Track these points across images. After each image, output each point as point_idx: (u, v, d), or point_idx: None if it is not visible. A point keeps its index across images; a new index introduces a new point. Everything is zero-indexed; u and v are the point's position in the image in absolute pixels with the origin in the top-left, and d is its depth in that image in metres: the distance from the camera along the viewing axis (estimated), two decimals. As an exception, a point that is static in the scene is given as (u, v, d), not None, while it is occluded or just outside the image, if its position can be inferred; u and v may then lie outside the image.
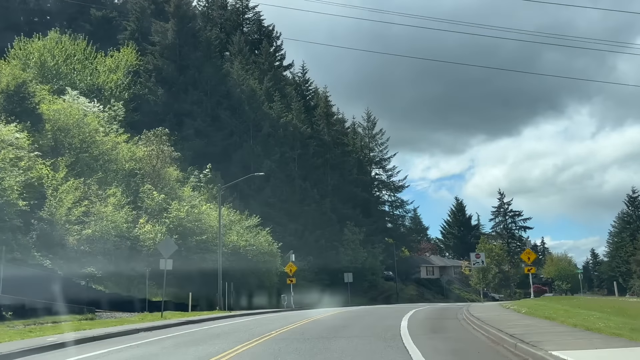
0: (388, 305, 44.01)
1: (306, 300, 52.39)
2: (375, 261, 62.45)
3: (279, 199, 59.50)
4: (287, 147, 61.74)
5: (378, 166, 77.86)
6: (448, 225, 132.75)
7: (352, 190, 66.02)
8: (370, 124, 79.59)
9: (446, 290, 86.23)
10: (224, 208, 45.92)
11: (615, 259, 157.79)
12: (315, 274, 55.00)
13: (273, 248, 44.39)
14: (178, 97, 61.58)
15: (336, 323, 19.17)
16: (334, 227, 60.95)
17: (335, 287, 59.07)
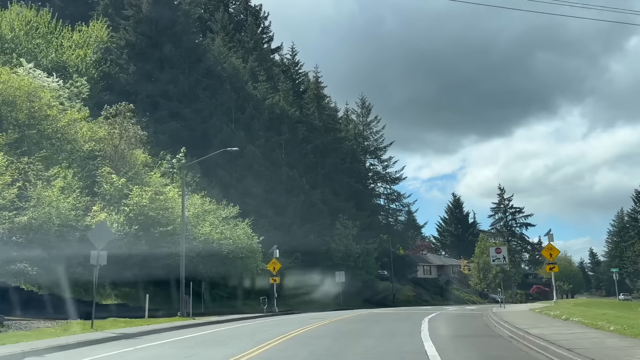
0: (386, 309, 38.02)
1: (293, 302, 46.24)
2: (369, 259, 56.37)
3: (263, 188, 53.26)
4: (273, 131, 55.51)
5: (373, 156, 71.83)
6: (444, 223, 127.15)
7: (344, 181, 59.91)
8: (364, 111, 73.55)
9: (445, 291, 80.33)
10: (197, 196, 39.68)
11: (615, 259, 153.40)
12: (304, 272, 48.84)
13: (253, 242, 38.18)
14: (152, 76, 55.23)
15: (325, 345, 13.05)
16: (325, 220, 54.83)
17: (325, 287, 52.97)
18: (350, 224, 55.35)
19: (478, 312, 26.98)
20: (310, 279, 49.51)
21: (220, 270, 35.33)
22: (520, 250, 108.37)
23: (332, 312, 36.35)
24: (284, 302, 44.57)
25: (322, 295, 52.86)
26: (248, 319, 28.72)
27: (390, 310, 33.70)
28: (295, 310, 42.37)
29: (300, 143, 56.54)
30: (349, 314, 27.21)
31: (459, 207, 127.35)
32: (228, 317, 28.42)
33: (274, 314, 33.70)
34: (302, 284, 47.96)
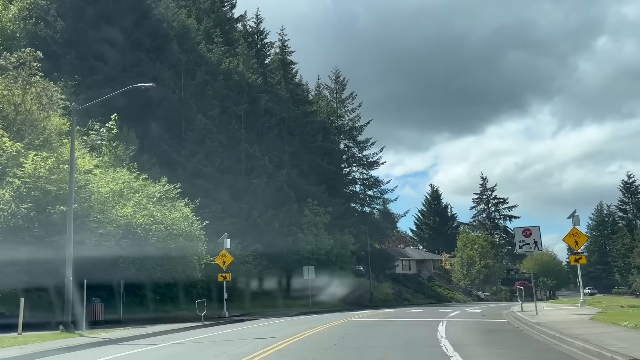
0: (366, 313, 29.69)
1: (250, 304, 37.67)
2: (344, 252, 48.08)
3: (217, 168, 44.53)
4: (230, 101, 46.73)
5: (348, 136, 63.40)
6: (422, 215, 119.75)
7: (315, 162, 51.44)
8: (338, 86, 65.09)
9: (426, 288, 72.55)
10: (124, 170, 30.77)
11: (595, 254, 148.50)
12: (265, 268, 40.30)
13: (194, 228, 29.43)
14: (85, 35, 45.92)
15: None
16: (291, 206, 46.32)
17: (292, 285, 44.53)
18: (321, 210, 46.93)
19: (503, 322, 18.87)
20: (272, 275, 40.98)
21: (147, 264, 26.55)
22: (504, 244, 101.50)
23: (296, 317, 27.86)
24: (238, 305, 35.96)
25: (287, 295, 44.36)
26: (178, 331, 20.11)
27: (373, 317, 25.32)
28: (251, 314, 33.80)
29: (262, 116, 47.84)
30: (318, 326, 18.82)
31: (438, 199, 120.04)
32: (144, 331, 19.71)
33: (218, 323, 25.05)
34: (263, 282, 39.39)
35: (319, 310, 37.75)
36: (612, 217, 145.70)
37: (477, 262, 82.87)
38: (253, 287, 37.63)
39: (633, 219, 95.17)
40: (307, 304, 42.10)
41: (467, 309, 32.42)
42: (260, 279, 39.29)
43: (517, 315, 20.28)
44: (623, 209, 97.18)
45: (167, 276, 27.47)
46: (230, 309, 34.48)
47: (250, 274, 37.05)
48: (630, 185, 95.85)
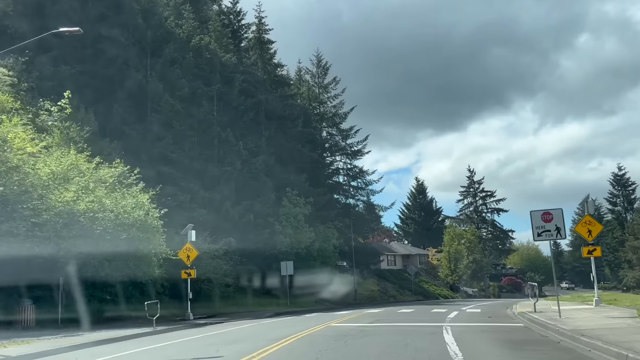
0: (350, 312, 25.84)
1: (221, 303, 33.70)
2: (326, 246, 44.25)
3: (186, 154, 40.42)
4: (201, 80, 42.57)
5: (330, 124, 59.51)
6: (407, 210, 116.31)
7: (295, 148, 47.46)
8: (321, 71, 61.13)
9: (413, 284, 69.09)
10: (71, 150, 26.57)
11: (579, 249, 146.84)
12: (238, 263, 36.33)
13: (150, 219, 25.36)
14: (40, 9, 41.46)
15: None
16: (268, 196, 42.36)
17: (268, 282, 40.68)
18: (301, 201, 43.03)
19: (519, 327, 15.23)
20: (246, 272, 37.05)
21: (92, 259, 22.46)
22: (492, 238, 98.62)
23: (269, 321, 23.96)
24: (207, 305, 31.97)
25: (263, 294, 40.50)
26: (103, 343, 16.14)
27: (359, 320, 21.53)
28: (221, 315, 29.87)
29: (237, 97, 43.72)
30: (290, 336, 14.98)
31: (423, 193, 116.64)
32: (68, 342, 15.70)
33: (173, 328, 21.04)
34: (236, 279, 35.43)
35: (297, 311, 33.91)
36: (597, 212, 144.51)
37: (464, 256, 79.70)
38: (224, 285, 33.63)
39: (623, 212, 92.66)
40: (285, 303, 38.26)
41: (463, 307, 28.82)
42: (232, 275, 35.29)
43: (533, 318, 16.64)
44: (613, 202, 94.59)
45: (118, 273, 23.37)
46: (198, 310, 30.60)
47: (221, 271, 33.05)
48: (620, 178, 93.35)
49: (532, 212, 16.53)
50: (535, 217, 16.36)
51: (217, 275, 32.76)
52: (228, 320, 26.32)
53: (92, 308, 23.21)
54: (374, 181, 59.32)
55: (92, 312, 22.74)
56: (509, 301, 46.07)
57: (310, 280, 42.46)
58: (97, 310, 23.63)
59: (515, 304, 31.66)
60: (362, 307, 38.40)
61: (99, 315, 22.82)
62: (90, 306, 23.39)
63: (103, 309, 23.97)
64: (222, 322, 24.89)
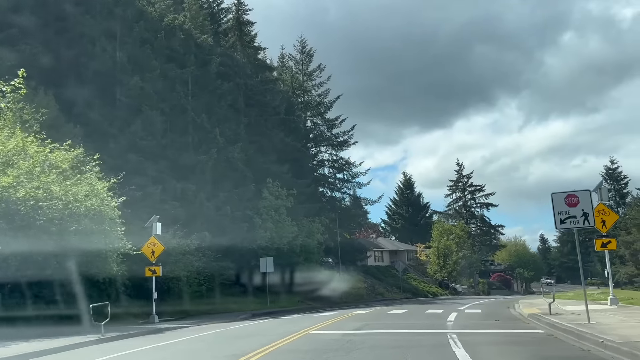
0: (335, 313, 22.86)
1: (194, 303, 30.57)
2: (310, 241, 41.29)
3: (157, 141, 37.20)
4: (175, 62, 39.35)
5: (315, 113, 56.49)
6: (394, 205, 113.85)
7: (277, 137, 44.36)
8: (305, 57, 58.03)
9: (402, 281, 66.41)
10: (16, 132, 23.33)
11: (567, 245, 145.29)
12: (213, 259, 33.24)
13: (107, 209, 22.18)
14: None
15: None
16: (247, 187, 39.28)
17: (246, 280, 37.69)
18: (283, 193, 40.00)
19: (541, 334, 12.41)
20: (222, 269, 33.95)
21: (34, 256, 19.27)
22: (481, 233, 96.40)
23: (241, 325, 20.91)
24: (177, 306, 28.88)
25: (240, 293, 37.49)
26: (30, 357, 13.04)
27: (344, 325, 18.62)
28: (192, 317, 26.84)
29: (213, 81, 40.51)
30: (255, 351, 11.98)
31: (410, 188, 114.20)
32: None
33: (127, 335, 17.93)
34: (210, 277, 32.31)
35: (277, 311, 30.93)
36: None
37: (453, 252, 77.23)
38: (197, 284, 30.51)
39: (615, 207, 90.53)
40: (265, 303, 35.24)
41: (460, 307, 26.03)
42: (206, 273, 32.18)
43: (555, 323, 13.81)
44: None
45: (67, 270, 20.18)
46: (167, 310, 27.60)
47: (192, 268, 29.95)
48: (613, 172, 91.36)
49: (553, 194, 13.72)
50: (557, 200, 13.53)
51: (189, 273, 29.66)
52: (197, 323, 23.28)
53: (35, 311, 20.05)
54: (360, 173, 56.52)
55: (37, 316, 19.61)
56: (503, 299, 43.53)
57: (293, 277, 39.53)
58: (46, 312, 20.45)
59: (515, 303, 29.03)
60: (349, 306, 35.51)
61: (43, 319, 19.65)
62: (35, 308, 20.25)
63: (50, 311, 20.77)
64: (188, 325, 21.83)
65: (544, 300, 30.24)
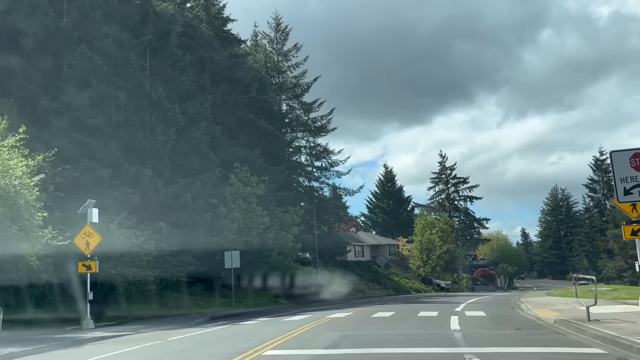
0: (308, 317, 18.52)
1: (142, 306, 26.10)
2: (285, 234, 36.97)
3: (108, 119, 32.56)
4: (128, 31, 34.61)
5: (291, 95, 52.11)
6: (375, 198, 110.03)
7: (247, 118, 39.86)
8: (280, 35, 53.55)
9: (383, 277, 62.52)
10: None
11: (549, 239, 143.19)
12: (172, 254, 28.80)
13: (23, 191, 17.61)
14: None
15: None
16: (212, 172, 34.75)
17: (210, 276, 33.30)
18: (254, 179, 35.58)
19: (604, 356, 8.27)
20: (180, 265, 29.43)
21: None
22: (465, 227, 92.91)
23: (190, 334, 16.49)
24: (125, 308, 24.39)
25: (202, 291, 33.10)
26: None
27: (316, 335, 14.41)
28: (136, 321, 22.40)
29: (174, 53, 35.86)
30: None
31: (392, 180, 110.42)
32: None
33: (32, 350, 13.45)
34: (165, 274, 27.78)
35: (242, 313, 26.61)
36: (566, 202, 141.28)
37: (437, 247, 73.57)
38: (148, 282, 25.97)
39: (603, 199, 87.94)
40: (230, 303, 30.87)
41: (456, 308, 21.98)
42: (160, 270, 27.68)
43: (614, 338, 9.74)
44: (593, 188, 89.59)
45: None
46: (109, 315, 23.16)
47: (143, 263, 25.43)
48: (602, 163, 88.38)
49: (613, 153, 9.70)
50: (619, 162, 9.49)
51: (138, 269, 25.13)
52: (139, 330, 18.85)
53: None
54: (340, 162, 52.21)
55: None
56: (496, 296, 39.80)
57: (264, 274, 35.25)
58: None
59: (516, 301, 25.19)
60: (326, 306, 31.32)
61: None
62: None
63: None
64: (123, 334, 17.39)
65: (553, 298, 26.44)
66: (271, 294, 38.50)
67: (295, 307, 32.86)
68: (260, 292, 36.03)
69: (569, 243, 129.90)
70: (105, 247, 22.41)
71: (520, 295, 34.56)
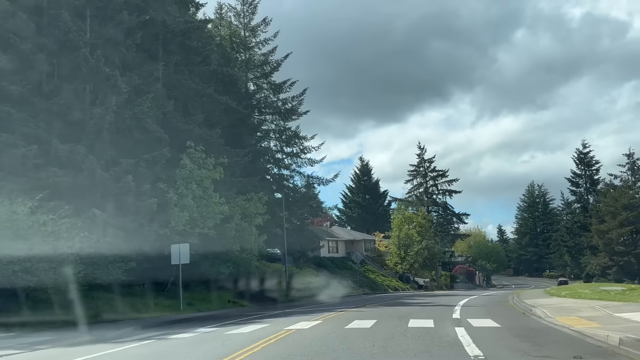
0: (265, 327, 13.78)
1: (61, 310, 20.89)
2: (247, 225, 32.07)
3: (34, 87, 27.18)
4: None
5: (259, 74, 47.15)
6: (351, 192, 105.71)
7: (205, 92, 34.76)
8: (248, 9, 48.45)
9: (359, 274, 58.04)
10: None
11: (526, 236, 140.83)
12: (106, 247, 23.65)
13: None
14: None
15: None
16: (160, 151, 29.49)
17: (156, 274, 28.27)
18: (211, 161, 30.54)
19: None
20: (118, 260, 24.31)
21: None
22: (444, 222, 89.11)
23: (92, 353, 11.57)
24: (24, 313, 19.24)
25: (147, 292, 27.98)
26: None
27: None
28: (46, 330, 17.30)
29: (118, 12, 30.52)
30: None
31: (368, 174, 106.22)
32: None
33: None
34: (93, 271, 22.67)
35: (188, 319, 21.64)
36: (543, 198, 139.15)
37: (415, 242, 69.45)
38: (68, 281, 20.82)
39: (585, 194, 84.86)
40: (177, 306, 25.87)
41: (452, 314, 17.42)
42: (93, 266, 22.60)
43: None
44: (575, 182, 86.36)
45: None
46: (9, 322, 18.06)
47: (62, 258, 20.30)
48: (584, 156, 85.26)
49: None
50: None
51: (55, 265, 20.00)
52: (36, 346, 13.84)
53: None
54: (313, 148, 47.35)
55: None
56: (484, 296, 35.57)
57: (223, 272, 30.31)
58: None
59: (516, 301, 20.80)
60: (293, 309, 26.53)
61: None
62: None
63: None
64: (10, 353, 12.37)
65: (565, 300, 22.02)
66: (231, 295, 33.58)
67: (257, 310, 28.01)
68: (217, 293, 31.06)
69: (546, 240, 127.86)
70: (9, 237, 17.36)
71: (515, 294, 30.22)
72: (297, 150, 46.61)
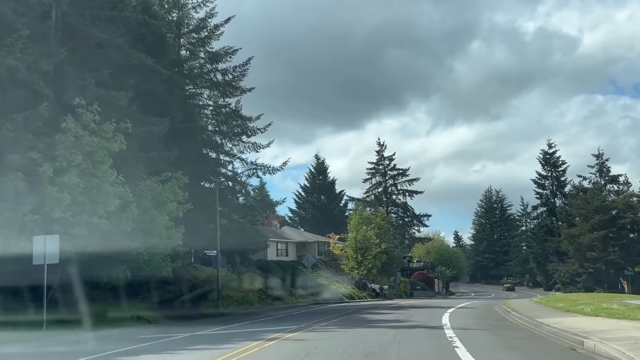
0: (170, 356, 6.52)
1: None
2: (159, 215, 24.29)
3: None
4: None
5: (197, 43, 39.28)
6: (304, 192, 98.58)
7: (112, 44, 26.74)
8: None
9: (310, 280, 50.70)
10: None
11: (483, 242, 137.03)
12: None
13: None
14: None
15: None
16: (35, 111, 21.44)
17: (20, 283, 20.12)
18: (109, 127, 22.60)
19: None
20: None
21: None
22: (404, 224, 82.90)
23: None
24: None
25: (8, 302, 19.84)
26: None
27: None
28: None
29: None
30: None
31: (324, 173, 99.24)
32: None
33: None
34: None
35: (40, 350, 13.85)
36: (501, 204, 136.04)
37: (374, 245, 62.78)
38: None
39: (551, 197, 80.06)
40: (40, 323, 17.96)
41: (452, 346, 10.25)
42: None
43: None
44: (541, 184, 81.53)
45: None
46: None
47: None
48: (550, 157, 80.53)
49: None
50: None
51: None
52: None
53: None
54: (258, 130, 39.66)
55: None
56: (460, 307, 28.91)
57: (117, 276, 22.44)
58: None
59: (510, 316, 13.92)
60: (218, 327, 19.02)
61: None
62: None
63: None
64: None
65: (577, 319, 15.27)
66: (141, 305, 25.70)
67: (166, 329, 20.37)
68: (116, 306, 23.14)
69: (504, 247, 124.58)
70: None
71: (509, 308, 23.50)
72: (239, 130, 38.92)
